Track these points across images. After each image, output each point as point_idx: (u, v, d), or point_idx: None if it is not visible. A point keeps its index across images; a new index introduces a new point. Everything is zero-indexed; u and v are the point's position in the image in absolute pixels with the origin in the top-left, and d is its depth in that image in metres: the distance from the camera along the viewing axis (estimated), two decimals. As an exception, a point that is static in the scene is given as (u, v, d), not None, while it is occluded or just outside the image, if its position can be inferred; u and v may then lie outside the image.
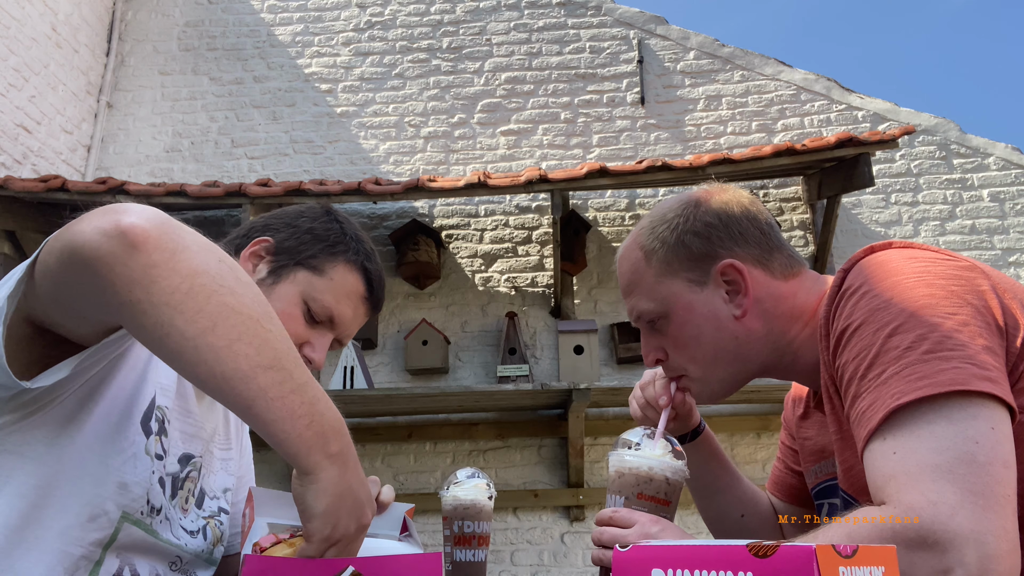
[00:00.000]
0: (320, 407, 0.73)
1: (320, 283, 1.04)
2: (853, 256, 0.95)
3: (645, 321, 1.07)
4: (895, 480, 0.75)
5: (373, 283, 1.09)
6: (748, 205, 1.07)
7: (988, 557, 0.68)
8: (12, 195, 3.57)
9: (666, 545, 0.52)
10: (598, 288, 3.98)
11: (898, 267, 0.88)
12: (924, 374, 0.77)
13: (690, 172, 3.44)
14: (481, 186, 3.52)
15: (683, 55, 4.39)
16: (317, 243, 1.06)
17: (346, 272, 1.06)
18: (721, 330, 1.02)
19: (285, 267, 1.04)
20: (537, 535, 3.61)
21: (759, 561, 0.46)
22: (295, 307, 1.03)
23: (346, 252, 1.07)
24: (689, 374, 1.07)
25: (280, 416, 0.70)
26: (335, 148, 4.39)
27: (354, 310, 1.07)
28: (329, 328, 1.06)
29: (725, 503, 1.24)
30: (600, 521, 0.96)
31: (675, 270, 1.03)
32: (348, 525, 0.75)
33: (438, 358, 3.73)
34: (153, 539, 0.92)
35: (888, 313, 0.83)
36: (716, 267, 1.02)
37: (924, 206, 4.00)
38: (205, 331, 0.68)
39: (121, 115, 4.59)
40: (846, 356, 0.87)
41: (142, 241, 0.67)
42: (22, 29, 4.00)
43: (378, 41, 4.57)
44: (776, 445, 3.61)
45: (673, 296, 1.03)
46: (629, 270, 1.08)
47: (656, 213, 1.09)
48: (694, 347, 1.03)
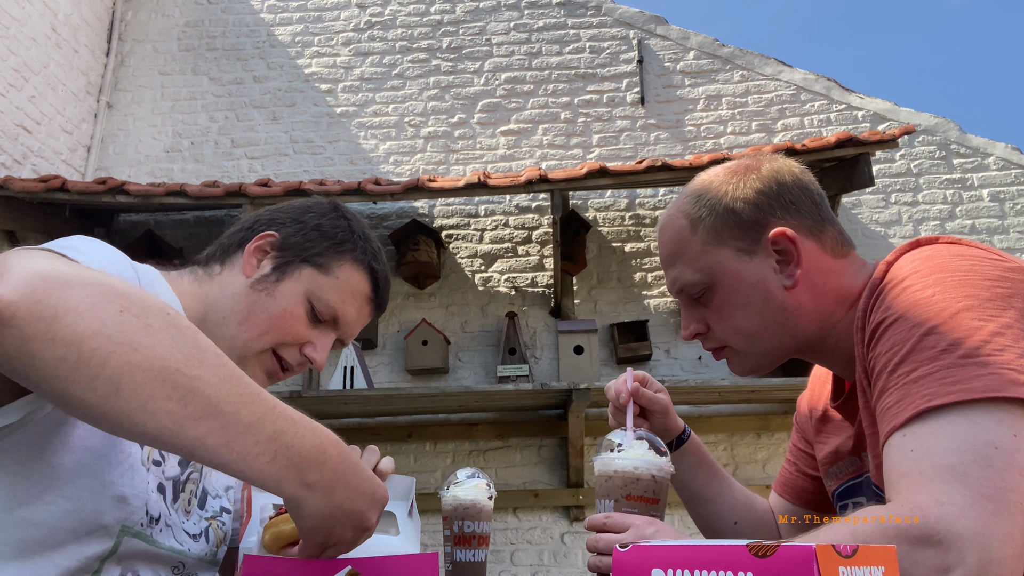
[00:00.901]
0: (286, 439, 0.69)
1: (326, 282, 1.02)
2: (898, 249, 0.93)
3: (688, 293, 1.02)
4: (908, 479, 0.74)
5: (379, 284, 1.07)
6: (799, 174, 1.03)
7: (990, 561, 0.68)
8: (12, 195, 3.57)
9: (666, 545, 0.52)
10: (598, 288, 3.98)
11: (943, 263, 0.85)
12: (958, 379, 0.75)
13: (690, 172, 3.44)
14: (481, 186, 3.52)
15: (683, 55, 4.39)
16: (324, 240, 1.04)
17: (352, 271, 1.04)
18: (769, 300, 0.98)
19: (290, 264, 1.02)
20: (537, 535, 3.61)
21: (759, 561, 0.46)
22: (298, 306, 1.00)
23: (354, 251, 1.05)
24: (732, 345, 1.03)
25: (230, 459, 0.66)
26: (335, 148, 4.39)
27: (359, 310, 1.06)
28: (332, 328, 1.04)
29: (716, 511, 1.21)
30: (593, 526, 0.94)
31: (723, 239, 0.99)
32: (343, 533, 0.74)
33: (438, 358, 3.73)
34: (155, 549, 0.91)
35: (928, 310, 0.81)
36: (767, 235, 0.98)
37: (924, 206, 4.00)
38: (108, 397, 0.62)
39: (121, 115, 4.59)
40: (879, 349, 0.85)
41: (9, 316, 0.60)
42: (22, 29, 4.00)
43: (378, 41, 4.58)
44: (776, 445, 3.64)
45: (720, 266, 0.99)
46: (672, 240, 1.04)
47: (700, 182, 1.05)
48: (739, 318, 0.99)
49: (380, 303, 1.08)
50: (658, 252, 1.09)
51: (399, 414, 3.77)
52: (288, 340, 1.00)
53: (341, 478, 0.73)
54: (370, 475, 0.77)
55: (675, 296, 1.06)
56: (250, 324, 0.99)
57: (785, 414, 3.66)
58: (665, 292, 3.93)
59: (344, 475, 0.73)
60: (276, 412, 0.70)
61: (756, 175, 1.01)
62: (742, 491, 1.24)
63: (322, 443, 0.72)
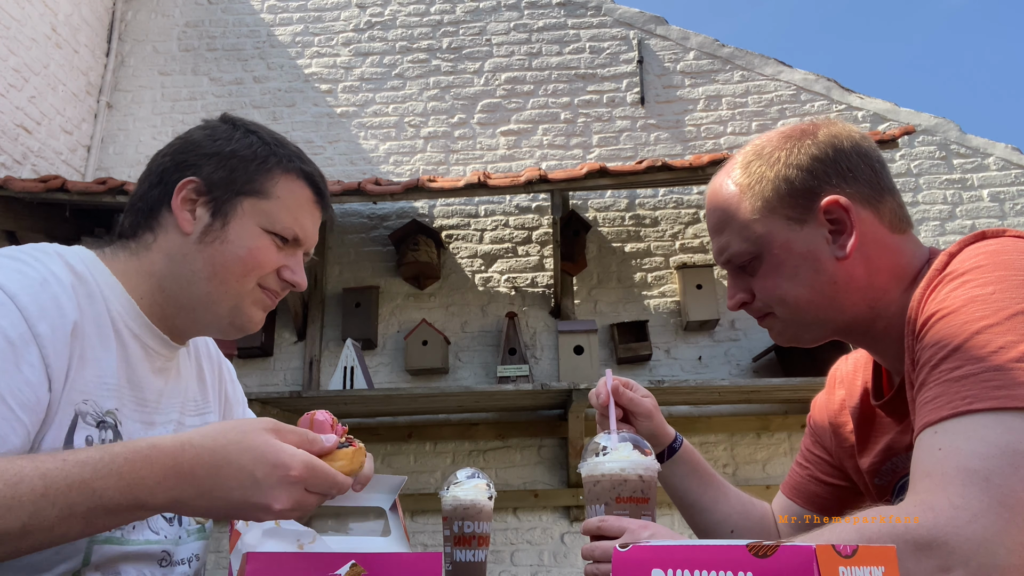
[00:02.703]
0: (77, 510, 0.72)
1: (270, 206, 0.99)
2: (961, 240, 0.89)
3: (735, 263, 0.99)
4: (929, 479, 0.72)
5: (318, 184, 1.04)
6: (859, 140, 0.98)
7: (994, 567, 0.66)
8: (12, 195, 3.57)
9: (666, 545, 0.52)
10: (598, 288, 3.98)
11: (1009, 261, 0.81)
12: (1002, 383, 0.72)
13: (690, 172, 3.44)
14: (481, 186, 3.51)
15: (683, 55, 4.39)
16: (247, 164, 0.99)
17: (288, 184, 1.01)
18: (820, 271, 0.93)
19: (227, 202, 0.98)
20: (537, 535, 3.61)
21: (759, 561, 0.46)
22: (259, 239, 0.98)
23: (280, 163, 1.01)
24: (776, 314, 0.99)
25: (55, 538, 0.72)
26: (335, 148, 4.39)
27: (311, 218, 1.04)
28: (297, 245, 1.03)
29: (712, 520, 1.19)
30: (588, 531, 0.93)
31: (773, 207, 0.95)
32: (258, 515, 0.77)
33: (438, 358, 3.73)
34: (129, 548, 0.90)
35: (984, 308, 0.77)
36: (820, 204, 0.93)
37: (924, 206, 4.00)
38: None
39: (121, 115, 4.59)
40: (927, 341, 0.81)
41: None
42: (22, 29, 4.00)
43: (378, 41, 4.58)
44: (776, 445, 3.64)
45: (769, 235, 0.95)
46: (720, 207, 0.99)
47: (752, 147, 1.01)
48: (787, 287, 0.95)
49: (326, 203, 1.06)
50: (705, 219, 1.05)
51: (399, 414, 3.77)
52: (265, 272, 1.00)
53: (201, 484, 0.75)
54: (246, 460, 0.76)
55: (722, 266, 1.02)
56: (222, 275, 0.97)
57: (785, 414, 3.65)
58: (665, 292, 3.93)
59: (199, 480, 0.75)
60: (35, 496, 0.71)
61: (812, 140, 0.97)
62: (738, 498, 1.22)
63: (120, 492, 0.73)
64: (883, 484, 1.07)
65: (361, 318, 3.89)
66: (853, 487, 1.16)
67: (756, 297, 0.99)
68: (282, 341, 3.97)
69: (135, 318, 0.97)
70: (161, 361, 1.02)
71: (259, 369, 3.91)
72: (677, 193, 4.10)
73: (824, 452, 1.19)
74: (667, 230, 4.05)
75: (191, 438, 0.76)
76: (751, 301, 1.00)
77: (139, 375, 0.98)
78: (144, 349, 0.99)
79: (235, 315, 1.00)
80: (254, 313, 1.01)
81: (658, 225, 4.06)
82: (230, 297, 0.98)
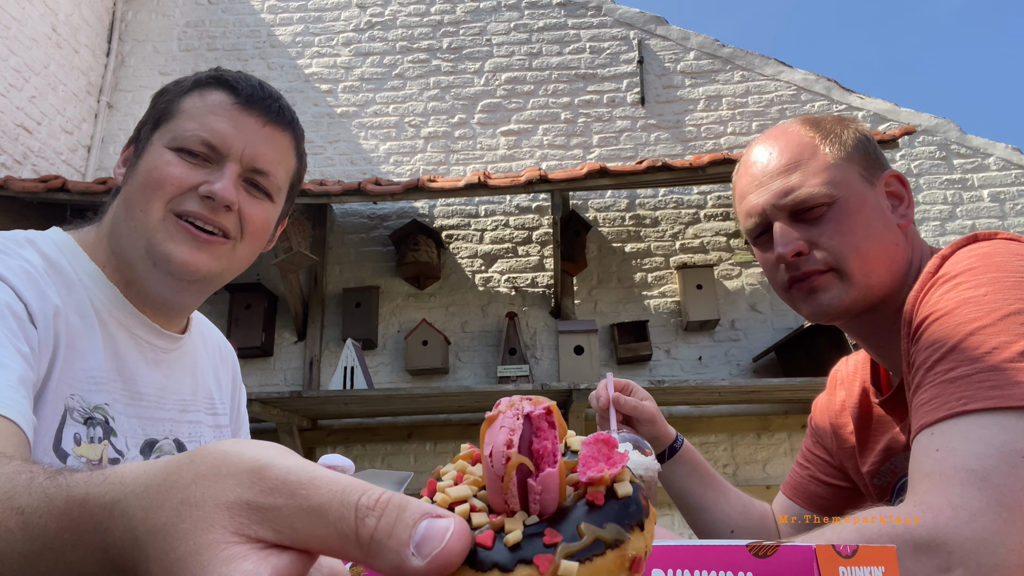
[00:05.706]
0: None
1: (176, 122, 0.92)
2: (954, 243, 0.89)
3: (804, 207, 0.95)
4: (928, 480, 0.73)
5: (236, 83, 0.94)
6: None
7: (994, 567, 0.66)
8: (12, 195, 3.57)
9: (667, 545, 0.52)
10: (598, 288, 3.98)
11: (1001, 262, 0.81)
12: (997, 384, 0.72)
13: (690, 172, 3.44)
14: (481, 186, 3.52)
15: (683, 55, 4.39)
16: (168, 99, 0.95)
17: (199, 95, 0.93)
18: (889, 230, 0.95)
19: (144, 140, 0.93)
20: (537, 535, 3.61)
21: (759, 561, 0.46)
22: (161, 156, 0.90)
23: (195, 82, 0.94)
24: (841, 270, 0.94)
25: None
26: (335, 148, 4.39)
27: (231, 121, 0.92)
28: (219, 157, 0.91)
29: (712, 520, 1.19)
30: None
31: (853, 157, 0.97)
32: None
33: (438, 358, 3.73)
34: None
35: (977, 309, 0.78)
36: (883, 175, 0.98)
37: (924, 206, 4.00)
38: None
39: (121, 115, 4.59)
40: (922, 344, 0.82)
41: None
42: (22, 29, 4.00)
43: (378, 41, 4.58)
44: (776, 445, 3.64)
45: (848, 183, 0.95)
46: (793, 147, 0.98)
47: (800, 121, 1.02)
48: (860, 237, 0.93)
49: (251, 98, 0.94)
50: (760, 163, 0.99)
51: (399, 414, 3.77)
52: (172, 191, 0.90)
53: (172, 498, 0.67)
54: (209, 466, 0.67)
55: (776, 209, 0.97)
56: (131, 209, 0.91)
57: (785, 414, 3.65)
58: (665, 292, 3.93)
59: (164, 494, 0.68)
60: None
61: (854, 128, 1.00)
62: (739, 498, 1.22)
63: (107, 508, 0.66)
64: (882, 484, 1.07)
65: (361, 318, 3.89)
66: (853, 488, 1.16)
67: (819, 248, 0.94)
68: (282, 341, 3.97)
69: (121, 307, 0.93)
70: (156, 352, 0.98)
71: (259, 369, 3.91)
72: (677, 193, 4.10)
73: (825, 453, 1.20)
74: (667, 230, 4.05)
75: (126, 502, 0.60)
76: (807, 252, 0.95)
77: (131, 367, 0.93)
78: (133, 339, 0.94)
79: (152, 253, 0.90)
80: (171, 248, 0.89)
81: (658, 225, 4.06)
82: (140, 232, 0.90)
